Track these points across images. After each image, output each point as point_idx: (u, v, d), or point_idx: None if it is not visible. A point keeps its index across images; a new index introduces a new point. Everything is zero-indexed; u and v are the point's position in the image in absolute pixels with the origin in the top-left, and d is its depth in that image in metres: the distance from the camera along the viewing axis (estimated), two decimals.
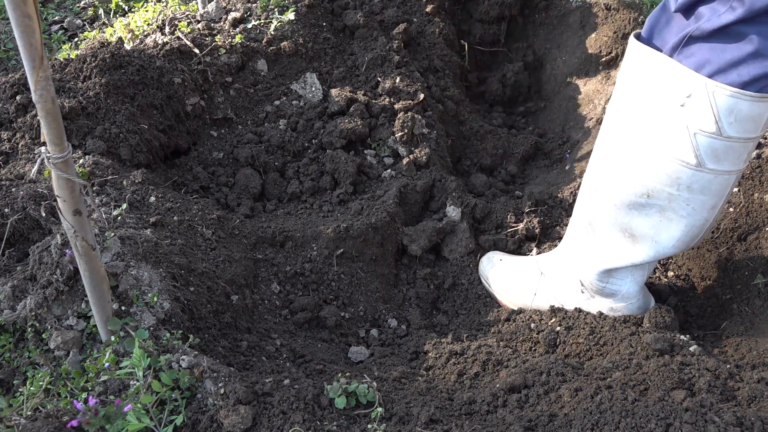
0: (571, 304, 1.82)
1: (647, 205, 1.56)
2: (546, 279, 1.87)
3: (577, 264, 1.79)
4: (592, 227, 1.71)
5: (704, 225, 1.57)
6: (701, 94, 1.38)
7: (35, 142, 1.98)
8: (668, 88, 1.42)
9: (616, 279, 1.73)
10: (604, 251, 1.70)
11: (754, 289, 1.82)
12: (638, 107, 1.50)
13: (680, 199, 1.52)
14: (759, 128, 1.43)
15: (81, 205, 1.26)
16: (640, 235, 1.62)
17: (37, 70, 1.08)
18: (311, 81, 2.47)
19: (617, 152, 1.58)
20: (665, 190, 1.52)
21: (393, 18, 2.66)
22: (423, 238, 2.10)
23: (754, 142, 1.45)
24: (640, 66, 1.48)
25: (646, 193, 1.54)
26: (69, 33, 3.22)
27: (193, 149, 2.31)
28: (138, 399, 1.33)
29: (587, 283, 1.77)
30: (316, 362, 1.68)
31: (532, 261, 1.95)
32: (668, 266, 2.05)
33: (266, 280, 1.93)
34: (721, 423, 1.24)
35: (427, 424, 1.37)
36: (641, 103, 1.49)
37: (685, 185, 1.49)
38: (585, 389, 1.40)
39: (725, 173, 1.48)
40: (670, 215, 1.56)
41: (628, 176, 1.56)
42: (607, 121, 1.61)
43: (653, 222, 1.58)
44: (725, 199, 1.54)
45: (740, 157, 1.46)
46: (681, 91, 1.40)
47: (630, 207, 1.59)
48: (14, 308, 1.52)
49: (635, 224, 1.61)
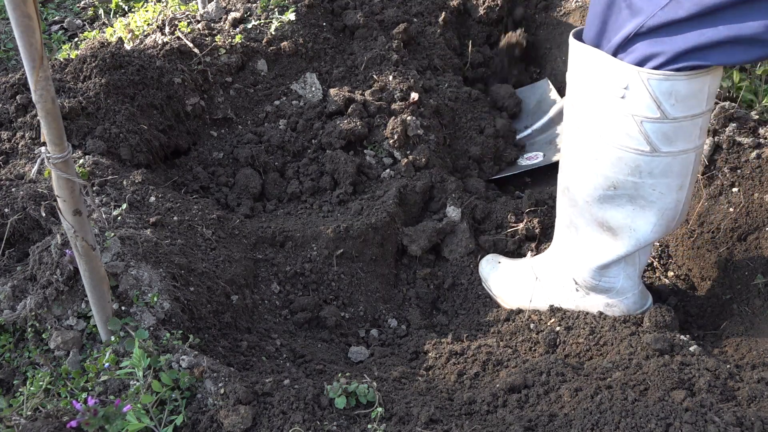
0: (569, 304, 1.82)
1: (616, 197, 1.59)
2: (541, 281, 1.87)
3: (569, 264, 1.80)
4: (574, 226, 1.74)
5: (678, 206, 1.59)
6: (637, 84, 1.42)
7: (35, 142, 1.98)
8: (606, 82, 1.47)
9: (608, 275, 1.74)
10: (590, 248, 1.72)
11: (754, 289, 1.82)
12: (585, 104, 1.55)
13: (645, 185, 1.55)
14: (703, 102, 1.46)
15: (81, 205, 1.26)
16: (617, 227, 1.64)
17: (37, 70, 1.08)
18: (311, 81, 2.47)
19: (576, 150, 1.62)
20: (629, 179, 1.54)
21: (393, 18, 2.66)
22: (423, 238, 2.10)
23: (704, 116, 1.48)
24: (580, 64, 1.54)
25: (611, 185, 1.57)
26: (69, 33, 3.22)
27: (193, 149, 2.31)
28: (138, 399, 1.33)
29: (581, 281, 1.78)
30: (316, 362, 1.68)
31: (528, 264, 1.96)
32: (668, 266, 2.05)
33: (266, 280, 1.93)
34: (721, 423, 1.24)
35: (427, 424, 1.37)
36: (587, 100, 1.54)
37: (646, 172, 1.52)
38: (585, 389, 1.40)
39: (682, 153, 1.51)
40: (640, 203, 1.58)
41: (591, 171, 1.59)
42: (565, 121, 1.66)
43: (626, 212, 1.60)
44: (691, 177, 1.57)
45: (692, 134, 1.49)
46: (618, 83, 1.44)
47: (600, 201, 1.61)
48: (14, 308, 1.52)
49: (610, 217, 1.63)
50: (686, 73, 1.38)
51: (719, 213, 1.95)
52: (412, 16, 2.76)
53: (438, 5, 2.83)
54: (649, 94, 1.42)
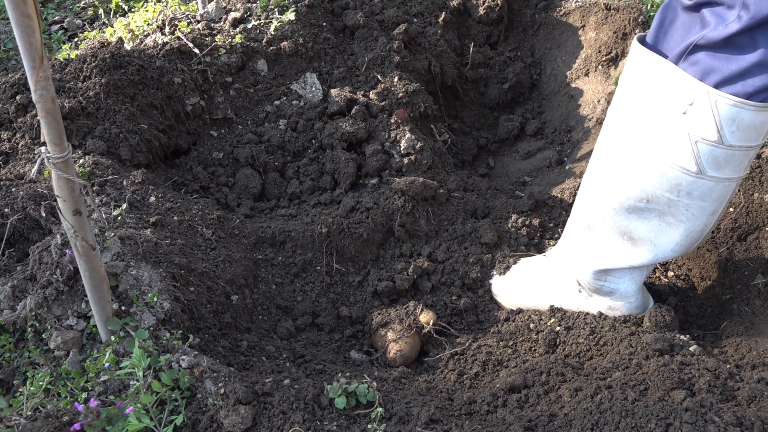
0: (570, 304, 1.82)
1: (646, 210, 1.57)
2: (544, 280, 1.87)
3: (574, 264, 1.79)
4: (590, 229, 1.72)
5: (704, 230, 1.57)
6: (703, 103, 1.38)
7: (35, 142, 1.98)
8: (671, 95, 1.42)
9: (613, 278, 1.73)
10: (602, 252, 1.71)
11: (754, 289, 1.82)
12: (640, 112, 1.50)
13: (680, 204, 1.52)
14: (761, 136, 1.43)
15: (81, 205, 1.26)
16: (639, 239, 1.63)
17: (37, 70, 1.08)
18: (311, 81, 2.47)
19: (617, 156, 1.58)
20: (665, 195, 1.52)
21: (393, 18, 2.66)
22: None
23: (755, 149, 1.46)
24: (643, 71, 1.48)
25: (645, 198, 1.55)
26: (69, 33, 3.22)
27: (193, 149, 2.31)
28: (138, 399, 1.33)
29: (584, 282, 1.78)
30: (316, 362, 1.68)
31: (530, 262, 1.95)
32: (668, 266, 2.05)
33: (266, 280, 1.93)
34: (721, 423, 1.24)
35: (427, 424, 1.37)
36: (643, 109, 1.49)
37: (685, 191, 1.50)
38: (585, 389, 1.40)
39: (726, 180, 1.48)
40: (669, 220, 1.56)
41: (628, 180, 1.56)
42: (608, 124, 1.61)
43: (652, 226, 1.59)
44: (725, 204, 1.54)
45: (741, 165, 1.47)
46: (683, 98, 1.40)
47: (629, 211, 1.59)
48: (14, 308, 1.52)
49: (634, 228, 1.61)
50: (757, 104, 1.35)
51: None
52: (412, 16, 2.76)
53: (438, 5, 2.83)
54: (713, 116, 1.38)
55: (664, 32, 1.47)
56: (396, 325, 1.79)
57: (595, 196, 1.66)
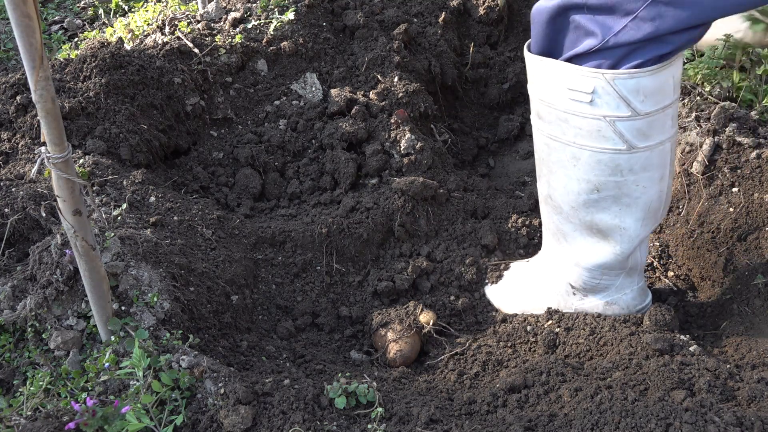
0: (567, 308, 1.81)
1: (600, 199, 1.60)
2: (537, 287, 1.86)
3: (562, 269, 1.80)
4: (561, 233, 1.74)
5: (661, 197, 1.62)
6: (603, 86, 1.44)
7: (35, 142, 1.98)
8: (572, 90, 1.48)
9: (608, 273, 1.74)
10: (582, 252, 1.72)
11: (754, 289, 1.82)
12: (554, 114, 1.56)
13: (628, 183, 1.56)
14: (671, 93, 1.49)
15: (81, 205, 1.26)
16: (606, 229, 1.65)
17: (37, 70, 1.08)
18: (311, 81, 2.47)
19: (553, 159, 1.63)
20: (610, 180, 1.56)
21: (393, 18, 2.66)
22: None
23: (673, 106, 1.52)
24: (541, 76, 1.55)
25: (594, 188, 1.58)
26: (69, 33, 3.22)
27: (193, 149, 2.31)
28: (138, 399, 1.33)
29: (578, 284, 1.78)
30: (316, 362, 1.68)
31: (521, 270, 1.95)
32: (668, 266, 2.05)
33: (266, 280, 1.93)
34: (721, 423, 1.24)
35: (427, 424, 1.37)
36: (555, 110, 1.55)
37: (626, 169, 1.54)
38: (585, 389, 1.40)
39: (659, 145, 1.53)
40: (625, 201, 1.59)
41: (572, 178, 1.60)
42: (535, 133, 1.67)
43: (613, 212, 1.62)
44: (670, 166, 1.59)
45: (665, 126, 1.52)
46: (584, 89, 1.46)
47: (586, 205, 1.62)
48: (14, 308, 1.52)
49: (598, 220, 1.64)
50: (649, 68, 1.41)
51: (719, 213, 1.95)
52: (412, 16, 2.76)
53: (438, 5, 2.83)
54: (617, 94, 1.44)
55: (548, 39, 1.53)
56: (396, 325, 1.79)
57: (552, 201, 1.70)
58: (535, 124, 1.65)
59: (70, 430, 1.27)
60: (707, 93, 2.15)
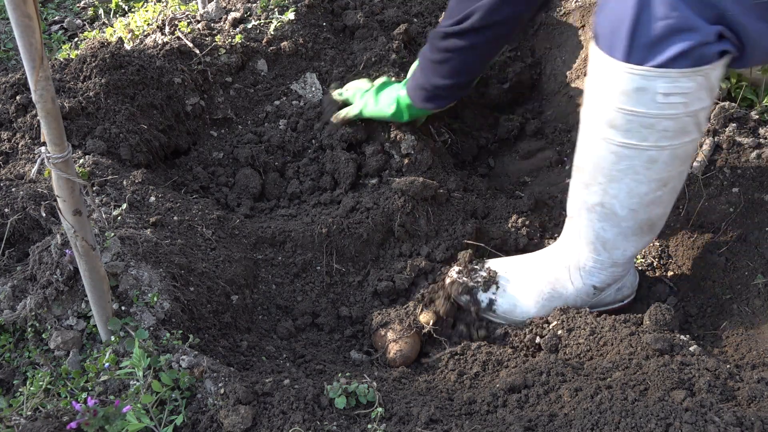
0: (582, 305, 1.80)
1: (664, 193, 1.58)
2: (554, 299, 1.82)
3: (590, 277, 1.77)
4: (601, 241, 1.69)
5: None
6: (701, 82, 1.41)
7: (35, 142, 1.98)
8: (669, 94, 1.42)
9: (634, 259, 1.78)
10: (622, 252, 1.71)
11: (754, 289, 1.82)
12: (638, 122, 1.46)
13: (686, 169, 1.58)
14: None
15: (81, 205, 1.26)
16: (657, 220, 1.65)
17: (37, 70, 1.08)
18: (311, 81, 2.47)
19: (621, 167, 1.54)
20: (679, 170, 1.55)
21: (393, 18, 2.66)
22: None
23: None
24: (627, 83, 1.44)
25: (664, 184, 1.56)
26: (69, 33, 3.22)
27: (193, 149, 2.31)
28: (138, 399, 1.33)
29: (604, 284, 1.78)
30: (316, 362, 1.68)
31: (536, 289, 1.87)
32: (668, 266, 2.05)
33: (266, 280, 1.93)
34: (721, 423, 1.24)
35: (427, 424, 1.37)
36: (641, 117, 1.46)
37: (690, 155, 1.55)
38: (585, 389, 1.40)
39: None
40: (677, 187, 1.60)
41: (641, 183, 1.55)
42: (596, 142, 1.56)
43: (665, 202, 1.62)
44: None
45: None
46: (684, 90, 1.41)
47: (649, 203, 1.59)
48: (14, 308, 1.52)
49: (653, 214, 1.62)
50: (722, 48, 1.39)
51: (719, 213, 1.95)
52: (413, 16, 2.76)
53: (438, 5, 2.83)
54: (708, 86, 1.42)
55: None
56: (396, 325, 1.79)
57: (604, 209, 1.63)
58: (602, 133, 1.52)
59: (71, 430, 1.27)
60: None
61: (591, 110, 1.55)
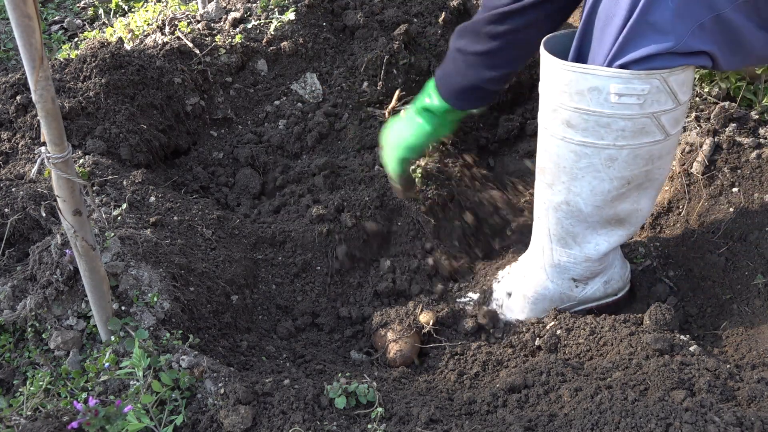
0: (570, 302, 1.82)
1: (628, 191, 1.60)
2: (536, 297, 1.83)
3: (564, 270, 1.78)
4: (571, 236, 1.72)
5: (666, 178, 1.67)
6: (657, 85, 1.42)
7: (35, 142, 1.98)
8: (623, 95, 1.44)
9: (613, 252, 1.79)
10: (594, 246, 1.72)
11: (754, 289, 1.82)
12: (593, 121, 1.50)
13: (655, 169, 1.58)
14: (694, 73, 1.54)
15: (81, 205, 1.26)
16: (626, 216, 1.66)
17: (37, 70, 1.08)
18: (311, 81, 2.47)
19: (581, 166, 1.57)
20: (642, 170, 1.57)
21: (393, 18, 2.66)
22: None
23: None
24: (578, 83, 1.47)
25: (626, 183, 1.58)
26: (69, 33, 3.22)
27: (193, 149, 2.31)
28: (138, 399, 1.33)
29: (582, 276, 1.79)
30: (316, 362, 1.68)
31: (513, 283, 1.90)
32: (668, 266, 2.05)
33: (266, 280, 1.93)
34: (721, 423, 1.24)
35: (427, 424, 1.37)
36: (595, 116, 1.49)
37: (656, 157, 1.56)
38: (585, 389, 1.40)
39: (681, 129, 1.58)
40: (646, 185, 1.61)
41: (603, 180, 1.57)
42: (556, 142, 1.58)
43: (633, 199, 1.63)
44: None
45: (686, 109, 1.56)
46: (637, 92, 1.43)
47: (613, 200, 1.62)
48: (14, 308, 1.52)
49: (620, 210, 1.65)
50: (692, 58, 1.40)
51: (719, 213, 1.95)
52: (412, 16, 2.76)
53: (438, 5, 2.83)
54: (669, 90, 1.43)
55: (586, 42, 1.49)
56: (396, 325, 1.79)
57: (569, 206, 1.65)
58: (560, 133, 1.56)
59: (72, 430, 1.27)
60: (706, 93, 2.15)
61: (548, 111, 1.58)
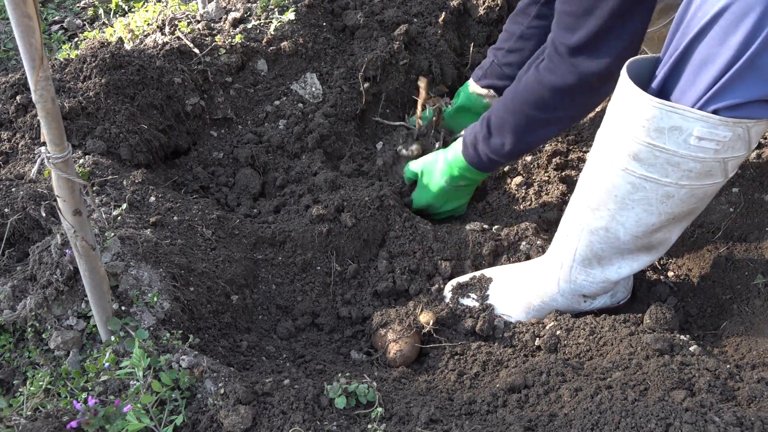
0: (576, 311, 1.81)
1: (672, 223, 1.57)
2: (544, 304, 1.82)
3: (579, 288, 1.77)
4: (597, 258, 1.69)
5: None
6: (740, 134, 1.36)
7: (35, 142, 1.98)
8: (704, 138, 1.37)
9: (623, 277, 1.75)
10: (616, 270, 1.70)
11: (754, 289, 1.82)
12: (664, 158, 1.43)
13: (701, 206, 1.55)
14: None
15: (81, 205, 1.26)
16: (658, 244, 1.64)
17: (37, 70, 1.08)
18: (311, 81, 2.47)
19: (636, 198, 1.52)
20: (692, 207, 1.53)
21: (393, 18, 2.66)
22: None
23: None
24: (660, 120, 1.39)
25: (673, 217, 1.54)
26: (69, 33, 3.22)
27: (193, 149, 2.31)
28: (138, 399, 1.33)
29: (594, 293, 1.78)
30: (316, 362, 1.68)
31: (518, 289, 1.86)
32: (668, 266, 2.05)
33: (266, 280, 1.93)
34: (721, 423, 1.24)
35: (427, 424, 1.37)
36: (668, 155, 1.42)
37: (709, 196, 1.52)
38: (585, 389, 1.40)
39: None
40: (685, 219, 1.58)
41: (652, 214, 1.53)
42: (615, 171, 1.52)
43: (668, 228, 1.60)
44: None
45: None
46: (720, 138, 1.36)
47: (654, 231, 1.59)
48: (14, 308, 1.52)
49: (654, 239, 1.62)
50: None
51: (719, 213, 1.95)
52: (412, 17, 2.76)
53: (438, 5, 2.83)
54: (747, 139, 1.38)
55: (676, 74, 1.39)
56: (396, 325, 1.79)
57: (607, 233, 1.62)
58: (623, 164, 1.48)
59: (71, 430, 1.27)
60: None
61: (615, 139, 1.49)
